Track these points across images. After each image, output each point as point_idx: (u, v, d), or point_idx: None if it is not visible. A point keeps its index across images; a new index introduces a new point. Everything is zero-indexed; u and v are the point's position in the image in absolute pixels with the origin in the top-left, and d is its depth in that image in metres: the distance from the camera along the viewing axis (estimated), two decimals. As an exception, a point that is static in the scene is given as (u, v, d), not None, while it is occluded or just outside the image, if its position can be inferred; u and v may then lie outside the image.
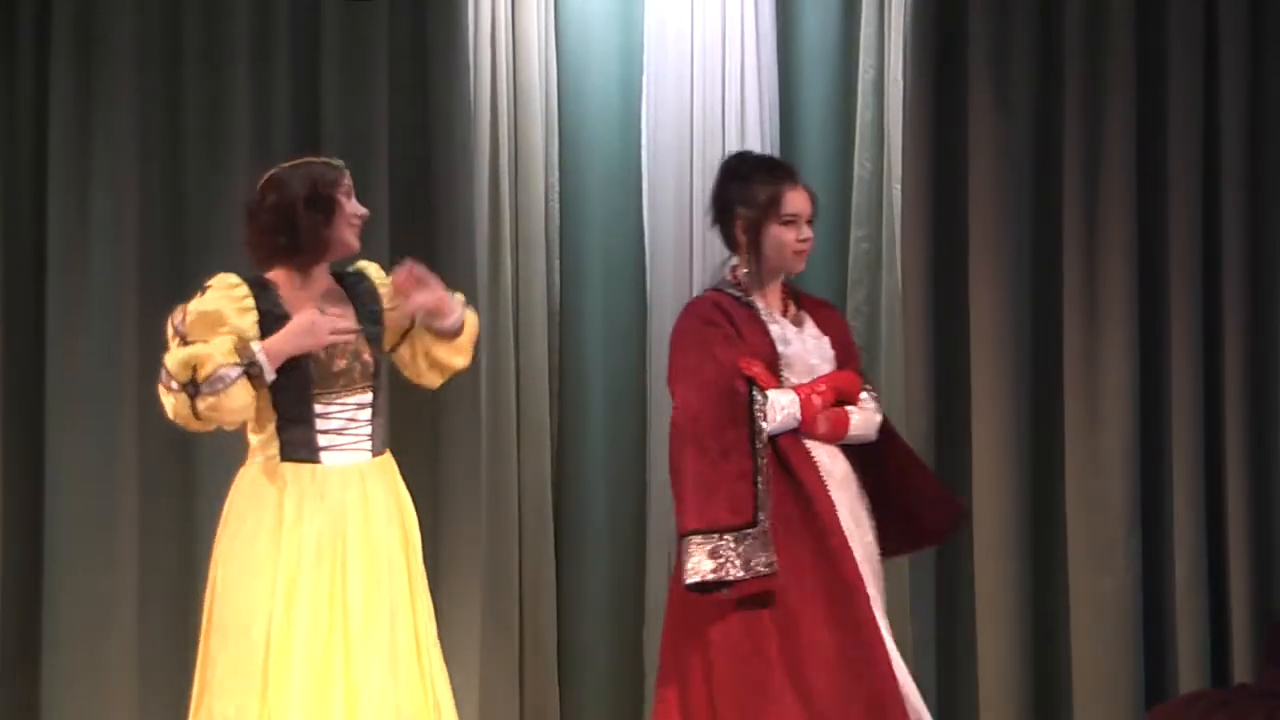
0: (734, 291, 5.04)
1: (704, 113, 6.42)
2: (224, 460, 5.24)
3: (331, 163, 4.87)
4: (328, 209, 4.78)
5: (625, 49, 6.50)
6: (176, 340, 4.71)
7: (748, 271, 5.05)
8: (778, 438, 4.90)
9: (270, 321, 4.71)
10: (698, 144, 6.41)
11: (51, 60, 6.21)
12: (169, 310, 6.15)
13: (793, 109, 6.53)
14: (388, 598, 4.72)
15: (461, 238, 6.26)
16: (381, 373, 4.87)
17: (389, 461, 4.89)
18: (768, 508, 4.79)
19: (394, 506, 4.83)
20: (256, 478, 4.78)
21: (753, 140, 6.38)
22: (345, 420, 4.80)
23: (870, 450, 5.09)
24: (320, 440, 4.76)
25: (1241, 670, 6.23)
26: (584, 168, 6.49)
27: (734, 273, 5.08)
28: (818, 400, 4.96)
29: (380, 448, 4.86)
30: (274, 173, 4.83)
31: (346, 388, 4.78)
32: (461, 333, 4.92)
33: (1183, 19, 6.38)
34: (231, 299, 4.70)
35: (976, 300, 6.37)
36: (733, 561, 4.75)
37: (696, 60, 6.43)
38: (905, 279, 6.39)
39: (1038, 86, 6.44)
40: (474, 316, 4.98)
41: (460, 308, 4.90)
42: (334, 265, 4.89)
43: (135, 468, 6.16)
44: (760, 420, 4.86)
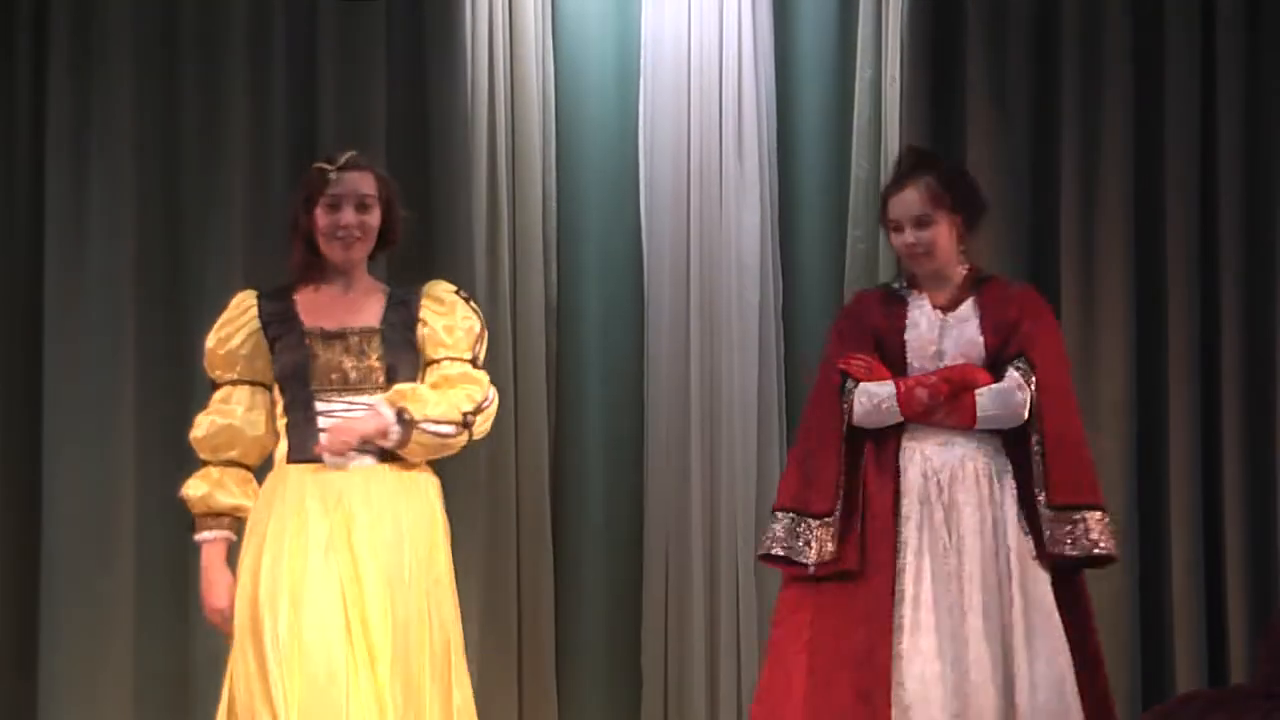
0: (895, 284, 5.14)
1: (701, 112, 6.42)
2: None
3: (324, 167, 4.84)
4: (305, 228, 4.81)
5: (622, 48, 6.49)
6: (210, 384, 4.87)
7: (905, 269, 5.15)
8: (876, 433, 4.96)
9: (272, 328, 4.79)
10: (695, 144, 6.41)
11: (50, 60, 6.21)
12: (168, 310, 6.20)
13: (790, 109, 6.53)
14: (400, 602, 4.65)
15: (459, 237, 6.26)
16: (398, 382, 4.80)
17: (409, 470, 4.79)
18: (846, 500, 4.94)
19: (403, 512, 4.73)
20: (268, 481, 4.80)
21: (749, 140, 6.38)
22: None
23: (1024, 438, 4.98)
24: (322, 439, 4.73)
25: (1238, 671, 6.24)
26: (581, 168, 6.49)
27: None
28: (922, 393, 4.94)
29: (394, 456, 4.76)
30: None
31: (346, 389, 4.76)
32: (413, 444, 4.73)
33: (1180, 22, 6.39)
34: (234, 326, 4.82)
35: (973, 301, 6.37)
36: (809, 543, 4.93)
37: (694, 60, 6.43)
38: (903, 279, 6.39)
39: (1035, 87, 6.45)
40: (450, 408, 4.78)
41: (396, 432, 4.70)
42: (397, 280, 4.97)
43: (133, 469, 6.15)
44: (846, 412, 4.97)
